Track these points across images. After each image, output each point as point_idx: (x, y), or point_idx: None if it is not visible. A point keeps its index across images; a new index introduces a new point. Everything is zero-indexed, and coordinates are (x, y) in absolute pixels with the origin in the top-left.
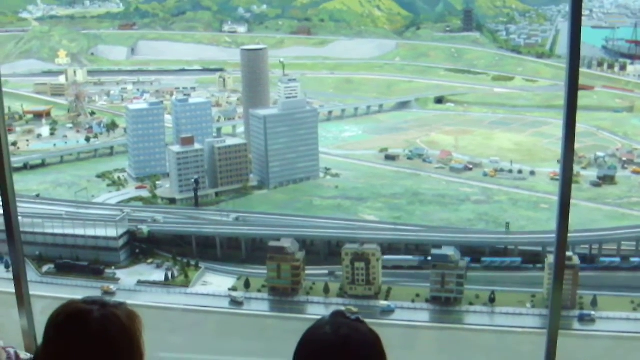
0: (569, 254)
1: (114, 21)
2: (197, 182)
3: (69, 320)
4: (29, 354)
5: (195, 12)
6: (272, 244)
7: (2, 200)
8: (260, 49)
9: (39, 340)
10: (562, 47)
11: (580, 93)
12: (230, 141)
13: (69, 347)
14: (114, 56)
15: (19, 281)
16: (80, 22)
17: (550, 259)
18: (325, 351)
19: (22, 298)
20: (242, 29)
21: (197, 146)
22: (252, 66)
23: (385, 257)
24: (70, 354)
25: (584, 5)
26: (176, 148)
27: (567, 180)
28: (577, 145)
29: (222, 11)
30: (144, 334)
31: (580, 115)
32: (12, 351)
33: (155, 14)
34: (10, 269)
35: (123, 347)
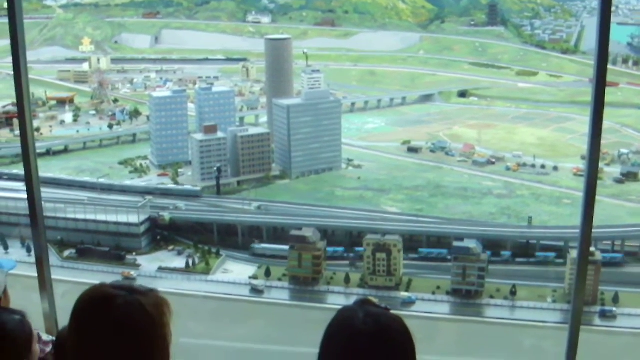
0: (591, 249)
1: (138, 9)
2: (219, 170)
3: (92, 305)
4: (50, 336)
5: (219, 2)
6: (294, 233)
7: (27, 186)
8: (284, 39)
9: (60, 323)
10: (587, 43)
11: None
12: (253, 130)
13: (90, 331)
14: (138, 44)
15: (41, 265)
16: (104, 10)
17: (573, 254)
18: (365, 340)
19: (44, 282)
20: (265, 19)
21: (219, 134)
22: (276, 56)
23: None
24: (92, 338)
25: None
26: (199, 136)
27: (592, 175)
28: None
29: (246, 1)
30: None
31: (604, 112)
32: (35, 333)
33: (179, 3)
34: (32, 253)
35: (145, 335)
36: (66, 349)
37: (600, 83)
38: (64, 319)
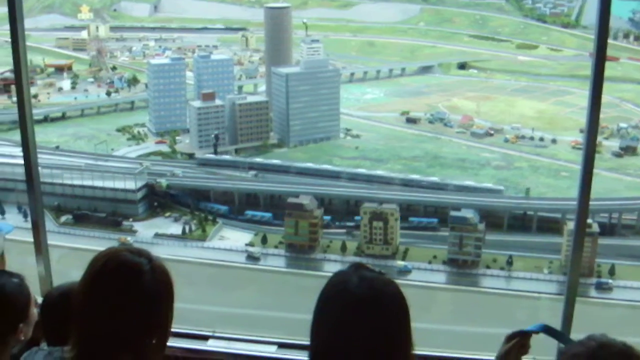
0: (589, 221)
1: None
2: (217, 137)
3: (121, 271)
4: None
5: None
6: (291, 200)
7: (23, 151)
8: (284, 8)
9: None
10: (588, 17)
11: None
12: (251, 98)
13: (118, 297)
14: (137, 13)
15: (37, 229)
16: None
17: (570, 225)
18: (359, 304)
19: (40, 246)
20: None
21: (217, 102)
22: (276, 24)
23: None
24: (119, 304)
25: None
26: (197, 103)
27: (590, 148)
28: (600, 116)
29: None
30: None
31: (604, 86)
32: (32, 296)
33: None
34: (29, 218)
35: (166, 299)
36: (76, 313)
37: (600, 57)
38: (59, 281)
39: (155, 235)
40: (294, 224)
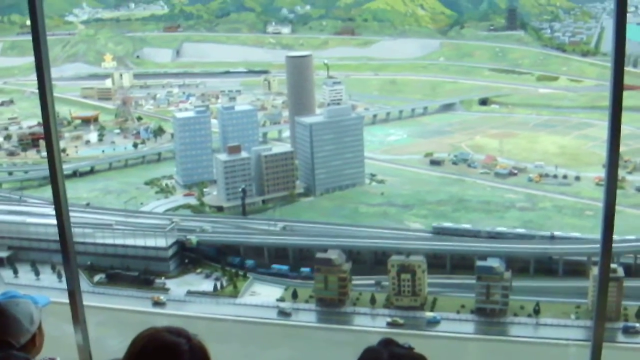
0: (613, 265)
1: (158, 23)
2: (244, 191)
3: (161, 352)
4: None
5: (239, 14)
6: (319, 255)
7: (57, 219)
8: (305, 56)
9: (94, 357)
10: (607, 44)
11: (625, 93)
12: (276, 149)
13: None
14: (160, 58)
15: (74, 299)
16: (125, 24)
17: (595, 270)
18: None
19: (77, 315)
20: (285, 29)
21: (243, 154)
22: (297, 72)
23: None
24: None
25: (629, 1)
26: (223, 157)
27: (611, 190)
28: (622, 148)
29: (266, 12)
30: None
31: (625, 116)
32: None
33: (200, 15)
34: (63, 278)
35: None
36: None
37: (618, 86)
38: (97, 350)
39: (187, 293)
40: (323, 279)
